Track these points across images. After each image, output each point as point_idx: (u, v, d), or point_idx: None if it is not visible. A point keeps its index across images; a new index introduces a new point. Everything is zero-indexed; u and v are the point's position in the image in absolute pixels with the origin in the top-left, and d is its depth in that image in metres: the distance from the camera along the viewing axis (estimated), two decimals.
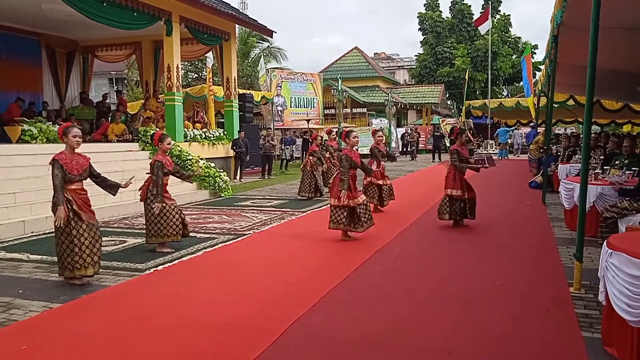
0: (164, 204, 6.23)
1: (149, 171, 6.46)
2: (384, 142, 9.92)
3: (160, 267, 5.74)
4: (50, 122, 11.69)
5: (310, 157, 11.77)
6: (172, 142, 6.40)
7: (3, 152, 9.20)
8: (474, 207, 7.79)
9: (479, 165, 7.95)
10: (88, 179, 5.29)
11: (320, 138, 13.30)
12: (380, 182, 9.28)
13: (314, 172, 11.56)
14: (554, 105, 12.34)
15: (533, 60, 27.08)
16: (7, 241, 7.25)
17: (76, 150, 5.18)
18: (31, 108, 13.43)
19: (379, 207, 9.26)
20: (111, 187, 5.51)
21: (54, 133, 10.84)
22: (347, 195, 6.72)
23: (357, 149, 7.20)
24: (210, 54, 18.19)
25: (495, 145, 27.95)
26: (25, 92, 14.48)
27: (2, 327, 4.03)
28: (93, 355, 3.54)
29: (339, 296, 4.68)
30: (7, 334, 3.91)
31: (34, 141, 10.38)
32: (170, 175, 6.47)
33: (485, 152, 26.13)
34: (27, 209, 8.25)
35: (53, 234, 7.74)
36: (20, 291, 4.92)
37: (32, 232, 7.82)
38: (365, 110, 33.72)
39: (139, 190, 6.51)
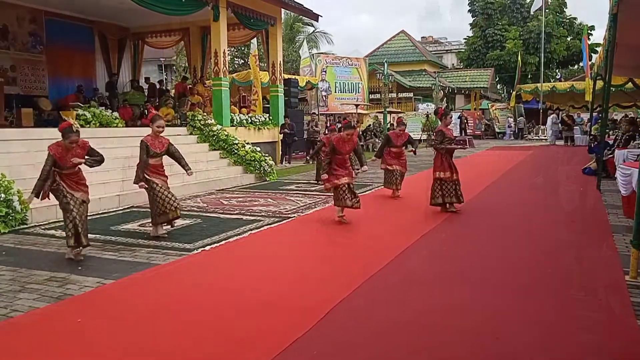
0: (154, 183, 6.28)
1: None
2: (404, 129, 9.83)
3: (207, 248, 5.85)
4: (103, 107, 12.06)
5: None
6: (163, 126, 6.41)
7: (59, 136, 9.53)
8: (460, 190, 7.76)
9: (459, 146, 8.21)
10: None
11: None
12: (393, 167, 9.38)
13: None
14: (611, 88, 11.78)
15: (590, 42, 25.94)
16: (61, 221, 7.55)
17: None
18: (79, 95, 13.86)
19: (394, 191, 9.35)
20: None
21: (106, 117, 11.19)
22: (329, 177, 7.15)
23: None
24: (254, 41, 18.28)
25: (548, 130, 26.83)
26: (79, 78, 15.03)
27: (58, 300, 4.22)
28: (142, 328, 3.66)
29: (384, 280, 4.65)
30: (63, 308, 4.08)
31: (88, 125, 10.73)
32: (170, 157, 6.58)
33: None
34: (100, 188, 8.54)
35: (105, 215, 8.04)
36: (80, 268, 5.13)
37: None
38: (411, 95, 33.23)
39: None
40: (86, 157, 5.60)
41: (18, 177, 7.71)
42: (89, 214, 8.06)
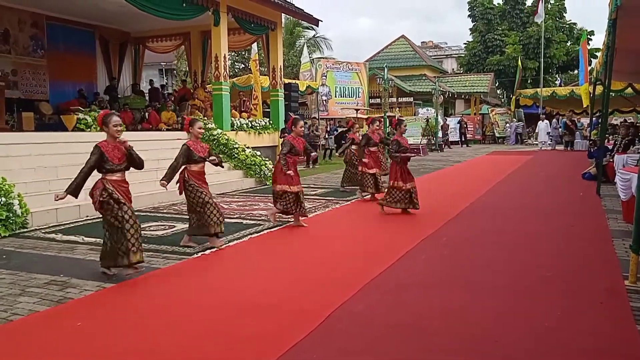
0: (202, 192, 5.92)
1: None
2: (380, 132, 10.26)
3: (207, 252, 5.86)
4: None
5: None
6: (203, 128, 6.12)
7: (60, 140, 9.59)
8: (417, 196, 8.00)
9: (413, 154, 8.27)
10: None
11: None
12: (373, 171, 9.54)
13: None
14: (610, 93, 11.81)
15: (589, 47, 25.99)
16: (63, 224, 7.57)
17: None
18: (82, 100, 13.89)
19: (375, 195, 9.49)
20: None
21: None
22: (286, 180, 7.08)
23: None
24: (254, 46, 18.34)
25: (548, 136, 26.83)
26: (80, 83, 15.07)
27: (59, 304, 4.22)
28: (142, 331, 3.66)
29: (384, 284, 4.66)
30: (63, 311, 4.09)
31: (89, 129, 10.75)
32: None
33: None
34: (82, 194, 8.52)
35: None
36: (80, 271, 5.13)
37: (87, 216, 8.12)
38: (411, 99, 33.26)
39: (177, 183, 6.11)
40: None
41: (19, 181, 7.72)
42: (90, 218, 8.13)
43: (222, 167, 6.79)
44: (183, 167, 6.03)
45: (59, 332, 3.70)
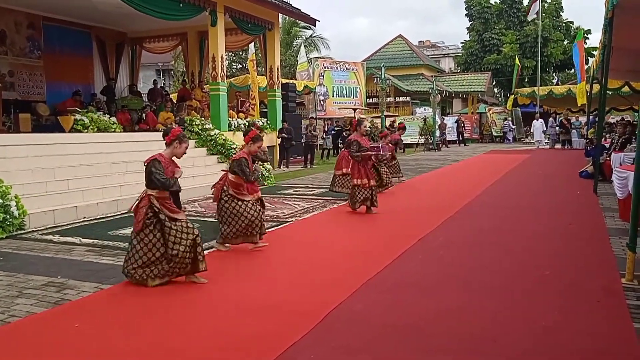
0: (243, 201, 5.81)
1: (223, 168, 6.26)
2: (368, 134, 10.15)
3: (205, 252, 5.84)
4: (101, 112, 12.07)
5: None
6: (261, 146, 6.03)
7: (57, 141, 9.58)
8: (376, 196, 8.26)
9: (373, 153, 8.44)
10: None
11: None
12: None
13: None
14: (607, 92, 11.84)
15: (586, 46, 26.04)
16: (60, 226, 7.56)
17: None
18: (77, 97, 13.82)
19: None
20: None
21: (104, 122, 11.22)
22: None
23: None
24: (251, 46, 18.33)
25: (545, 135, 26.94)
26: (77, 84, 15.03)
27: (56, 306, 4.22)
28: (140, 332, 3.66)
29: (381, 284, 4.66)
30: (61, 313, 4.09)
31: (86, 130, 10.74)
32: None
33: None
34: (80, 196, 8.57)
35: (103, 220, 8.05)
36: (77, 273, 5.12)
37: (84, 217, 8.12)
38: (409, 99, 33.28)
39: (212, 188, 6.07)
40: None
41: (16, 182, 7.71)
42: (87, 219, 8.13)
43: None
44: (222, 175, 5.96)
45: (56, 333, 3.69)
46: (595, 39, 48.29)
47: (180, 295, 4.46)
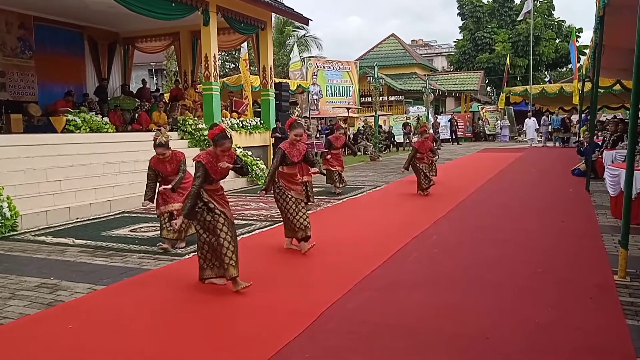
0: (288, 196, 5.80)
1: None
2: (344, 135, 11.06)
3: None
4: (93, 113, 12.01)
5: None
6: (301, 134, 5.82)
7: (49, 142, 9.51)
8: (311, 191, 8.67)
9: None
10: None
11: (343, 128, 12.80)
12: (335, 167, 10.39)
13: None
14: (599, 90, 11.91)
15: (578, 44, 26.19)
16: (53, 226, 7.52)
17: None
18: (69, 98, 13.74)
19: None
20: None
21: (97, 123, 11.15)
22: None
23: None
24: (244, 46, 18.28)
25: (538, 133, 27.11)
26: (69, 84, 14.95)
27: (49, 307, 4.20)
28: (133, 333, 3.65)
29: (375, 282, 4.67)
30: (54, 314, 4.07)
31: (78, 131, 10.67)
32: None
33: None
34: (72, 196, 8.54)
35: (96, 220, 8.01)
36: (70, 274, 5.10)
37: (77, 218, 8.08)
38: (402, 98, 33.34)
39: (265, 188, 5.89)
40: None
41: (7, 183, 7.67)
42: (80, 219, 8.09)
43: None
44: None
45: (49, 335, 3.67)
46: (586, 38, 48.56)
47: (173, 296, 4.45)
